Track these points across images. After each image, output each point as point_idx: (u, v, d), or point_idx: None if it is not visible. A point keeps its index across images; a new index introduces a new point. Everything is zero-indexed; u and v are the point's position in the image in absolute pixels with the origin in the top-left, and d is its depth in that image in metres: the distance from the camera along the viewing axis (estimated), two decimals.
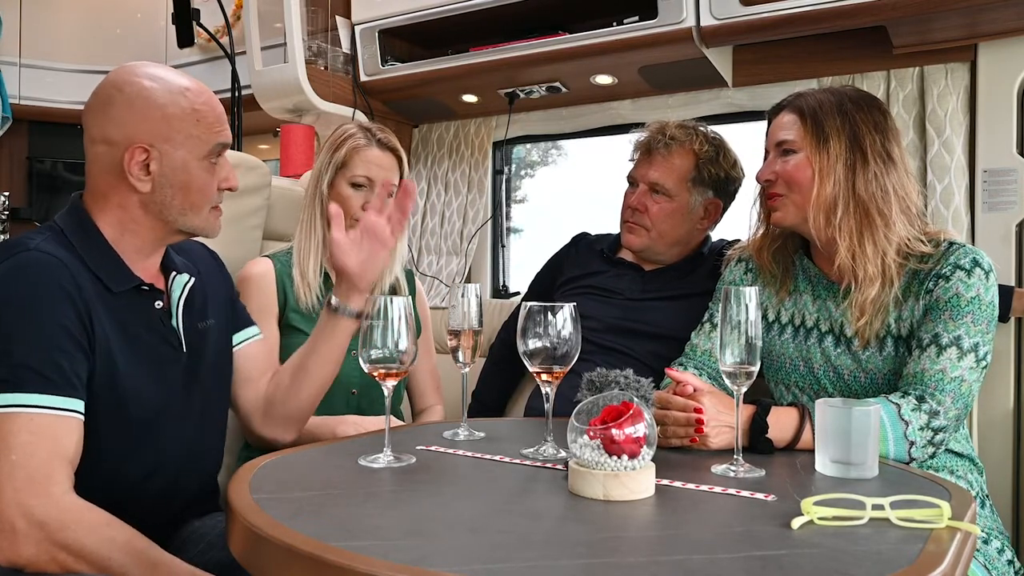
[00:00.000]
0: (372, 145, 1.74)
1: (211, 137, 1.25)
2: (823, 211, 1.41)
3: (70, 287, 1.14)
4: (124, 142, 1.21)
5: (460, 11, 2.29)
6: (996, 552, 1.36)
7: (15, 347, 1.09)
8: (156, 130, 1.21)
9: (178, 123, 1.22)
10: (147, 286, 1.26)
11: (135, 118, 1.21)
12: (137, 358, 1.23)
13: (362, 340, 1.16)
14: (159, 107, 1.22)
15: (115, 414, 1.20)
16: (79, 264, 1.18)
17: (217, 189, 1.28)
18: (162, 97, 1.22)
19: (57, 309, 1.12)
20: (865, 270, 1.38)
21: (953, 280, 1.35)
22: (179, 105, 1.23)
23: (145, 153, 1.21)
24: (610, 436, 0.98)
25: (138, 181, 1.22)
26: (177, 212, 1.25)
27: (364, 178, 1.72)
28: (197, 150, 1.24)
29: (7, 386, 1.08)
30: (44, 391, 1.09)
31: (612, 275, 1.94)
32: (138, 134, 1.21)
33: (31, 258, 1.14)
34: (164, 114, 1.22)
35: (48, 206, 3.66)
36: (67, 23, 3.58)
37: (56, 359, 1.11)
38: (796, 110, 1.46)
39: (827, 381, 1.48)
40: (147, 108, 1.21)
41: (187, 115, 1.23)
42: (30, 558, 1.05)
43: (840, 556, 0.79)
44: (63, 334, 1.12)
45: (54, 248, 1.17)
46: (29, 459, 1.06)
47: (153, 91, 1.22)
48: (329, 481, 1.06)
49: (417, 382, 1.92)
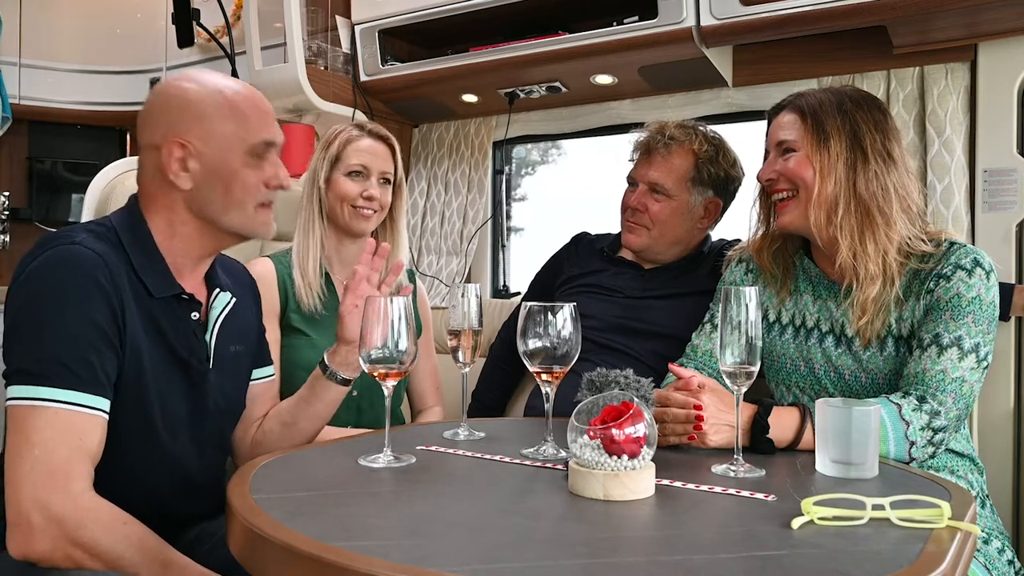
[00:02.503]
0: (364, 135, 1.77)
1: (252, 133, 1.24)
2: (824, 210, 1.41)
3: (107, 284, 1.14)
4: (162, 142, 1.22)
5: (460, 11, 2.29)
6: (996, 552, 1.36)
7: (46, 340, 1.09)
8: (192, 127, 1.22)
9: (215, 120, 1.22)
10: (187, 296, 1.26)
11: (172, 117, 1.23)
12: (164, 363, 1.23)
13: (362, 340, 1.16)
14: (195, 104, 1.23)
15: (138, 415, 1.20)
16: (123, 262, 1.18)
17: (265, 187, 1.27)
18: (198, 94, 1.23)
19: (92, 305, 1.12)
20: (866, 269, 1.38)
21: (954, 280, 1.35)
22: (215, 102, 1.23)
23: (183, 149, 1.21)
24: (610, 436, 0.98)
25: (177, 178, 1.22)
26: (219, 210, 1.25)
27: (359, 166, 1.74)
28: (238, 145, 1.24)
29: (35, 379, 1.08)
30: (72, 387, 1.09)
31: (612, 274, 1.94)
32: (174, 132, 1.22)
33: (72, 251, 1.14)
34: (200, 111, 1.22)
35: (48, 206, 3.66)
36: (67, 23, 3.58)
37: (87, 356, 1.11)
38: (796, 110, 1.46)
39: (828, 381, 1.48)
40: (184, 106, 1.23)
41: (224, 112, 1.23)
42: (44, 553, 1.05)
43: (840, 556, 0.79)
44: (95, 331, 1.12)
45: (98, 245, 1.17)
46: (51, 455, 1.06)
47: (190, 91, 1.24)
48: (329, 481, 1.07)
49: (417, 383, 1.92)
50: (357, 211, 1.74)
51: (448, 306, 1.39)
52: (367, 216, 1.74)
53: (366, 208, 1.74)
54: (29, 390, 1.08)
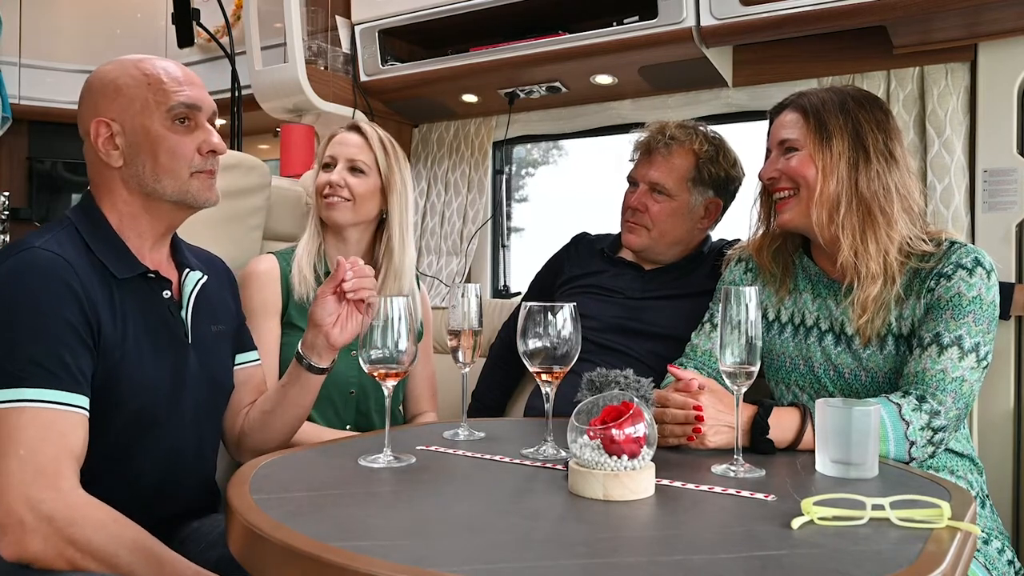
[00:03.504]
0: (342, 131, 1.79)
1: (167, 98, 1.25)
2: (826, 208, 1.41)
3: (74, 283, 1.15)
4: (90, 125, 1.25)
5: (460, 11, 2.29)
6: (996, 552, 1.36)
7: (19, 343, 1.09)
8: (112, 103, 1.24)
9: (131, 91, 1.24)
10: (153, 273, 1.27)
11: (94, 99, 1.26)
12: (141, 347, 1.23)
13: (362, 340, 1.16)
14: (111, 81, 1.25)
15: (119, 411, 1.20)
16: (85, 258, 1.19)
17: (199, 153, 1.28)
18: (113, 72, 1.26)
19: (61, 305, 1.13)
20: (867, 267, 1.39)
21: (955, 279, 1.35)
22: (130, 75, 1.25)
23: (108, 127, 1.24)
24: (610, 436, 0.98)
25: (109, 157, 1.24)
26: (152, 180, 1.25)
27: (329, 157, 1.76)
28: (155, 112, 1.25)
29: (12, 381, 1.08)
30: (50, 386, 1.09)
31: (612, 274, 1.94)
32: (97, 112, 1.24)
33: (35, 256, 1.14)
34: (116, 86, 1.25)
35: (48, 206, 3.66)
36: (67, 23, 3.58)
37: (60, 355, 1.11)
38: (799, 109, 1.46)
39: (827, 380, 1.48)
40: (103, 87, 1.26)
41: (138, 82, 1.25)
42: (37, 553, 1.04)
43: (840, 556, 0.79)
44: (67, 330, 1.12)
45: (58, 246, 1.17)
46: (37, 454, 1.06)
47: (107, 72, 1.27)
48: (329, 481, 1.06)
49: (413, 387, 1.92)
50: (324, 200, 1.74)
51: (448, 306, 1.38)
52: (332, 204, 1.73)
53: (331, 196, 1.73)
54: (8, 393, 1.07)
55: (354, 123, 1.82)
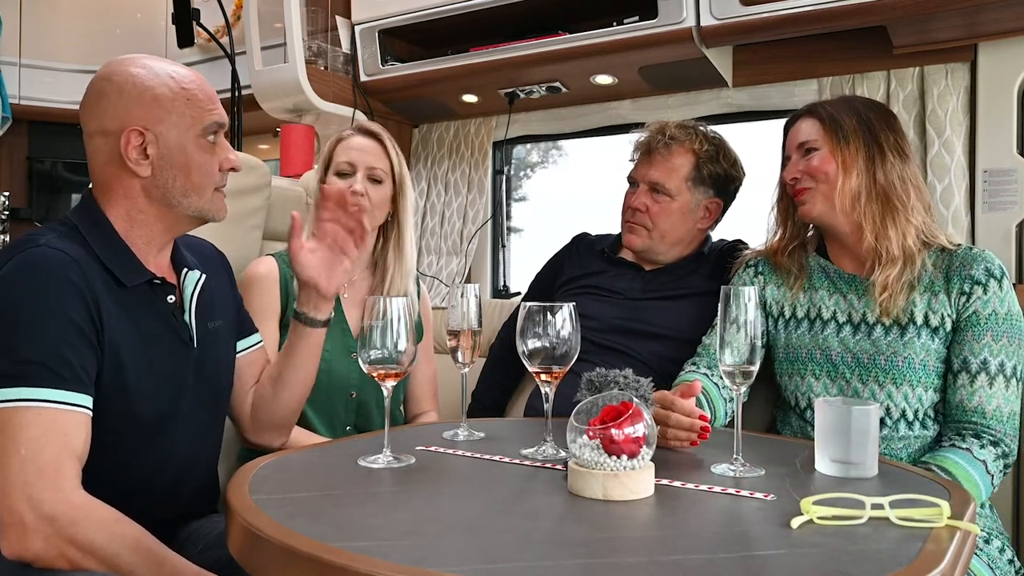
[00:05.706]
0: (354, 134, 1.77)
1: (204, 116, 1.25)
2: (849, 200, 1.49)
3: (79, 282, 1.14)
4: (119, 129, 1.21)
5: (460, 11, 2.29)
6: (997, 552, 1.36)
7: (23, 342, 1.09)
8: (149, 113, 1.22)
9: (169, 104, 1.23)
10: (159, 280, 1.26)
11: (127, 104, 1.22)
12: (148, 354, 1.22)
13: (361, 341, 1.16)
14: (148, 89, 1.22)
15: (122, 411, 1.19)
16: (90, 259, 1.18)
17: (219, 170, 1.28)
18: (150, 80, 1.23)
19: (66, 304, 1.12)
20: (888, 251, 1.47)
21: (990, 292, 1.41)
22: (168, 87, 1.24)
23: (141, 136, 1.22)
24: (609, 436, 0.98)
25: (137, 166, 1.22)
26: (180, 194, 1.25)
27: (346, 163, 1.73)
28: (192, 129, 1.24)
29: (15, 380, 1.07)
30: (53, 385, 1.08)
31: (612, 275, 1.94)
32: (131, 119, 1.21)
33: (40, 254, 1.13)
34: (154, 96, 1.22)
35: (48, 206, 3.66)
36: (67, 23, 3.58)
37: (64, 354, 1.10)
38: (814, 115, 1.56)
39: (844, 366, 1.51)
40: (137, 93, 1.22)
41: (177, 96, 1.24)
42: (38, 552, 1.04)
43: (840, 555, 0.79)
44: (72, 329, 1.12)
45: (64, 244, 1.16)
46: (39, 454, 1.05)
47: (141, 76, 1.23)
48: (329, 481, 1.07)
49: (414, 388, 1.91)
50: None
51: (447, 306, 1.39)
52: None
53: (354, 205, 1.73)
54: (10, 392, 1.07)
55: (366, 126, 1.80)
